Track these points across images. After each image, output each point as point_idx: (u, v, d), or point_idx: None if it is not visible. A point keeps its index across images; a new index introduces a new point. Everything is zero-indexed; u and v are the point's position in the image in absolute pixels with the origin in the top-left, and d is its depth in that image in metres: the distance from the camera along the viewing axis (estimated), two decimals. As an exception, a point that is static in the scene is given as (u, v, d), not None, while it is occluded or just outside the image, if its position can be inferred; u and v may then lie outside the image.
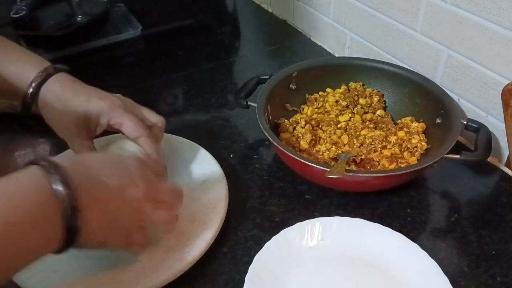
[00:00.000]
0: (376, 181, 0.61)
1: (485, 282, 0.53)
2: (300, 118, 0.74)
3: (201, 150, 0.68)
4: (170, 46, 1.02)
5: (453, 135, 0.62)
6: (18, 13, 0.99)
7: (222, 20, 1.15)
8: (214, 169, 0.64)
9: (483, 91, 0.68)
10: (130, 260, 0.53)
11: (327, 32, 0.98)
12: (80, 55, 0.97)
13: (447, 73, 0.73)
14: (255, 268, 0.51)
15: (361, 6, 0.86)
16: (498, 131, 0.68)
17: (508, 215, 0.60)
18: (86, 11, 1.08)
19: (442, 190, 0.65)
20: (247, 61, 0.98)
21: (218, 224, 0.57)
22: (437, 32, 0.72)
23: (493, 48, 0.64)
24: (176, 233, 0.56)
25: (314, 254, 0.55)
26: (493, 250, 0.56)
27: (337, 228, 0.56)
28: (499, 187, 0.66)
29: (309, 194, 0.64)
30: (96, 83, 0.89)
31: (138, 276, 0.51)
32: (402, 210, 0.62)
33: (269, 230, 0.57)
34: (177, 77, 0.91)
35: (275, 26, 1.12)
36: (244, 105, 0.71)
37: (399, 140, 0.68)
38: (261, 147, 0.73)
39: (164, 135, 0.71)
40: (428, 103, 0.71)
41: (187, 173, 0.64)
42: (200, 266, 0.54)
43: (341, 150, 0.68)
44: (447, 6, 0.69)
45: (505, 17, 0.61)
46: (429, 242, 0.57)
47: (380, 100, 0.76)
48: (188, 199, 0.59)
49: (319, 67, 0.79)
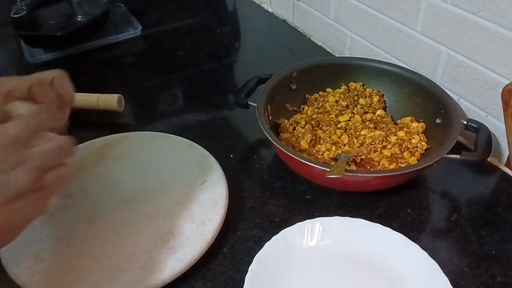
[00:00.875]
0: (376, 181, 0.61)
1: (485, 282, 0.53)
2: (300, 118, 0.74)
3: (201, 150, 0.68)
4: (170, 46, 1.02)
5: (453, 135, 0.62)
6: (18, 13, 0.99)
7: (222, 20, 1.15)
8: (214, 169, 0.64)
9: (483, 91, 0.68)
10: (130, 260, 0.53)
11: (327, 32, 0.98)
12: (80, 55, 0.98)
13: (447, 73, 0.73)
14: (255, 268, 0.51)
15: (361, 6, 0.86)
16: (498, 131, 0.68)
17: (508, 215, 0.60)
18: (86, 11, 1.08)
19: (442, 190, 0.65)
20: (247, 61, 0.98)
21: (218, 224, 0.57)
22: (437, 32, 0.72)
23: (493, 48, 0.64)
24: (176, 233, 0.56)
25: (314, 254, 0.55)
26: (493, 250, 0.56)
27: (337, 228, 0.56)
28: (499, 187, 0.66)
29: (309, 194, 0.64)
30: (96, 83, 0.90)
31: (138, 276, 0.51)
32: (402, 210, 0.62)
33: (269, 230, 0.57)
34: (177, 77, 0.91)
35: (275, 26, 1.12)
36: (244, 105, 0.71)
37: (399, 140, 0.68)
38: (261, 147, 0.73)
39: (164, 135, 0.71)
40: (428, 103, 0.71)
41: (187, 173, 0.65)
42: (200, 266, 0.54)
43: (341, 150, 0.68)
44: (447, 6, 0.69)
45: (505, 17, 0.61)
46: (429, 242, 0.57)
47: (380, 100, 0.76)
48: (188, 199, 0.60)
49: (319, 67, 0.79)
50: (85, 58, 0.97)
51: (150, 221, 0.58)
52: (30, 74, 0.47)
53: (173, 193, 0.62)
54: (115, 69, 0.94)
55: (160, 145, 0.69)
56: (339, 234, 0.56)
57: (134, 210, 0.59)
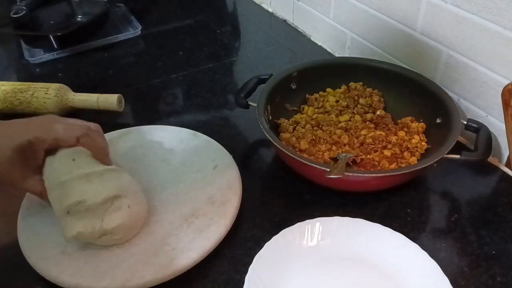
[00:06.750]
0: (376, 181, 0.61)
1: (485, 282, 0.53)
2: (300, 118, 0.74)
3: (206, 137, 0.70)
4: (170, 46, 1.02)
5: (453, 135, 0.62)
6: (18, 13, 0.99)
7: (222, 20, 1.15)
8: (223, 154, 0.67)
9: (483, 91, 0.68)
10: (159, 244, 0.55)
11: (327, 32, 0.98)
12: (80, 55, 0.98)
13: (447, 73, 0.73)
14: (255, 268, 0.51)
15: (361, 6, 0.86)
16: (498, 131, 0.68)
17: (508, 215, 0.60)
18: (86, 11, 1.08)
19: (442, 190, 0.65)
20: (247, 61, 0.98)
21: (237, 204, 0.59)
22: (437, 32, 0.72)
23: (493, 48, 0.64)
24: (199, 215, 0.58)
25: (314, 254, 0.55)
26: (493, 250, 0.56)
27: (337, 228, 0.56)
28: (499, 187, 0.66)
29: (309, 194, 0.64)
30: (96, 83, 0.90)
31: (170, 257, 0.53)
32: (402, 210, 0.62)
33: (269, 230, 0.57)
34: (177, 77, 0.91)
35: (275, 26, 1.12)
36: (244, 105, 0.71)
37: (399, 140, 0.68)
38: (261, 147, 0.73)
39: (167, 127, 0.73)
40: (428, 103, 0.71)
41: (198, 161, 0.66)
42: (200, 266, 0.54)
43: (341, 150, 0.68)
44: (447, 6, 0.69)
45: (505, 17, 0.61)
46: (429, 242, 0.57)
47: (380, 100, 0.76)
48: (204, 184, 0.63)
49: (319, 67, 0.79)
50: (85, 58, 0.97)
51: (171, 207, 0.60)
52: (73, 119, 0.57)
53: (187, 179, 0.64)
54: (115, 69, 0.94)
55: (164, 137, 0.71)
56: (339, 234, 0.56)
57: (153, 198, 0.61)
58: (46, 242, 0.55)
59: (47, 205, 0.56)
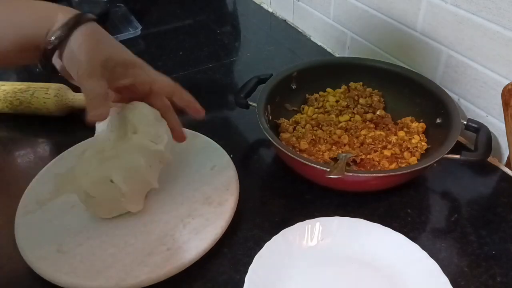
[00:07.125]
0: (376, 181, 0.61)
1: (485, 282, 0.53)
2: (300, 118, 0.74)
3: (205, 138, 0.70)
4: (170, 46, 1.02)
5: (453, 135, 0.62)
6: (18, 13, 0.99)
7: (222, 20, 1.15)
8: (220, 155, 0.67)
9: (483, 91, 0.68)
10: (155, 244, 0.55)
11: (327, 32, 0.98)
12: (80, 55, 0.97)
13: (447, 73, 0.73)
14: (255, 268, 0.51)
15: (361, 6, 0.86)
16: (498, 131, 0.68)
17: (508, 215, 0.60)
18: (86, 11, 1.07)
19: (442, 190, 0.65)
20: (247, 61, 0.98)
21: (234, 204, 0.59)
22: (437, 32, 0.72)
23: (493, 48, 0.64)
24: (196, 215, 0.58)
25: (314, 254, 0.55)
26: (493, 250, 0.56)
27: (337, 228, 0.56)
28: (499, 187, 0.66)
29: (309, 194, 0.64)
30: (96, 83, 0.90)
31: (165, 257, 0.53)
32: (402, 210, 0.62)
33: (269, 230, 0.57)
34: (177, 77, 0.91)
35: (275, 26, 1.12)
36: (244, 105, 0.71)
37: (399, 140, 0.68)
38: (261, 147, 0.73)
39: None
40: (428, 103, 0.71)
41: (195, 160, 0.66)
42: (200, 266, 0.54)
43: (341, 150, 0.68)
44: (447, 6, 0.69)
45: (505, 17, 0.61)
46: (429, 242, 0.57)
47: (380, 100, 0.76)
48: (201, 184, 0.62)
49: (319, 67, 0.79)
50: (85, 58, 0.97)
51: (168, 207, 0.59)
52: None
53: (184, 180, 0.63)
54: (115, 69, 0.94)
55: None
56: (339, 234, 0.56)
57: (149, 198, 0.60)
58: (43, 241, 0.55)
59: (45, 204, 0.59)
